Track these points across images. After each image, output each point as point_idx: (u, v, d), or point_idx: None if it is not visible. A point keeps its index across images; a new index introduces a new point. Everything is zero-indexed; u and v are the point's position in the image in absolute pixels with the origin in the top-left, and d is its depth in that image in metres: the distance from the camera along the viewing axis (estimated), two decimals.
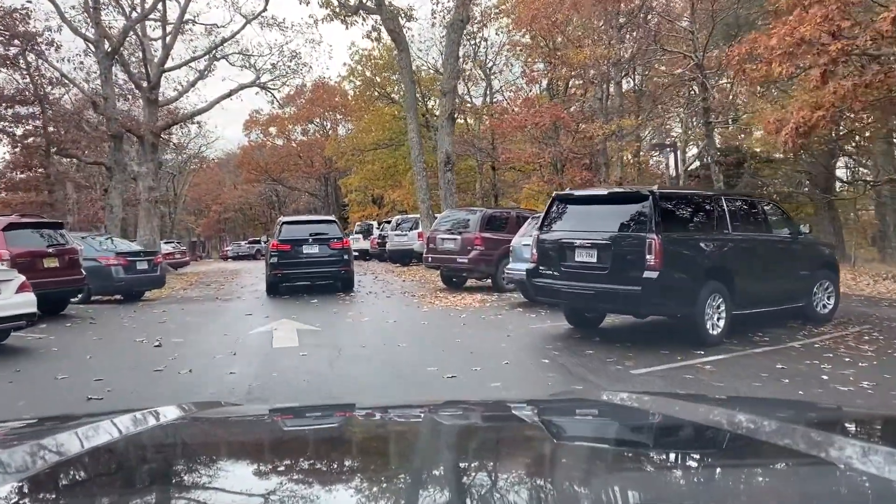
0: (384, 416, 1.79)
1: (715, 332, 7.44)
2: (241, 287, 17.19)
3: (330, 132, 58.13)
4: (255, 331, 9.20)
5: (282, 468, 1.25)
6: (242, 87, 26.51)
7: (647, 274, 7.17)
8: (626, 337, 8.19)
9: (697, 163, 30.55)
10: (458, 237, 13.76)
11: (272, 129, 60.86)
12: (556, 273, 8.02)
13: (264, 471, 1.23)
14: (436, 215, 20.44)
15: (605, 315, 9.01)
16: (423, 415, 1.84)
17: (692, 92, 23.92)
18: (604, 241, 7.57)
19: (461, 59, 24.29)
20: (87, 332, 9.51)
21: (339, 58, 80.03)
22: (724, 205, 8.05)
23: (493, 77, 36.09)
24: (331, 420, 1.80)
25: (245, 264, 35.17)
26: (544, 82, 29.58)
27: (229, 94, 26.11)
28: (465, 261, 13.46)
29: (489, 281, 14.22)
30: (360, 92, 43.29)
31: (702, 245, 7.64)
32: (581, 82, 26.61)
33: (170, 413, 1.63)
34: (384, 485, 1.11)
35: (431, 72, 40.21)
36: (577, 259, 7.80)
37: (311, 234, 14.17)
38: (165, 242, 36.65)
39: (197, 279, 21.75)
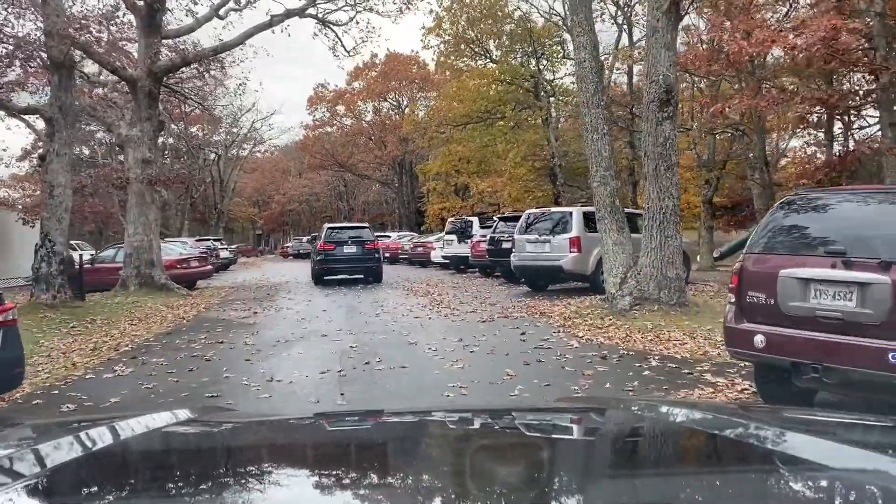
0: (396, 423, 1.75)
1: None
2: (258, 349, 8.18)
3: (406, 109, 49.28)
4: None
5: (286, 472, 1.25)
6: (290, 13, 17.76)
7: None
8: None
9: None
10: (888, 279, 4.33)
11: (339, 108, 52.54)
12: None
13: (268, 474, 1.21)
14: (627, 209, 11.08)
15: None
16: (421, 420, 1.78)
17: None
18: None
19: None
20: None
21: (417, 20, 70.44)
22: None
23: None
24: (345, 426, 1.74)
25: (301, 269, 26.67)
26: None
27: (269, 25, 17.44)
28: None
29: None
30: (448, 52, 34.11)
31: None
32: None
33: (178, 416, 1.61)
34: (385, 490, 1.08)
35: (541, 19, 30.74)
36: None
37: (349, 237, 18.25)
38: (198, 240, 28.72)
39: (204, 307, 13.14)
